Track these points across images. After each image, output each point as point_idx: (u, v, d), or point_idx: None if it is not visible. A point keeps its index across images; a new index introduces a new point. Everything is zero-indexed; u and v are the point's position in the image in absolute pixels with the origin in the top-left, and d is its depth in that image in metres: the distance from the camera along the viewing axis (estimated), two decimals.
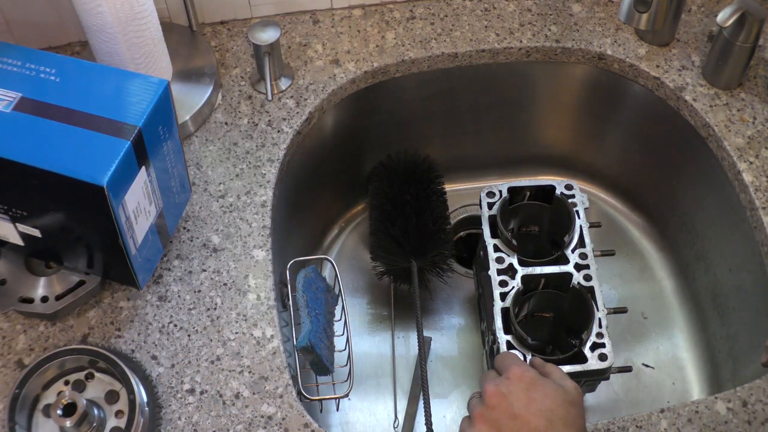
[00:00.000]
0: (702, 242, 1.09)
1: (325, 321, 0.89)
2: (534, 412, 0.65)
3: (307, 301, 0.88)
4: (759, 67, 1.04)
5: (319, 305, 0.89)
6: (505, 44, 1.07)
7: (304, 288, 0.88)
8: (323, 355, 0.85)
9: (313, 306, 0.88)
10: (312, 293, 0.89)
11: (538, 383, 0.67)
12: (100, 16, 0.86)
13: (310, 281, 0.90)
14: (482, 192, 0.97)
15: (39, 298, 0.84)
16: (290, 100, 1.02)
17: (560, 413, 0.65)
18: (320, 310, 0.89)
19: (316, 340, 0.85)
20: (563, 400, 0.66)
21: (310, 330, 0.85)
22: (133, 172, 0.75)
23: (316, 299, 0.89)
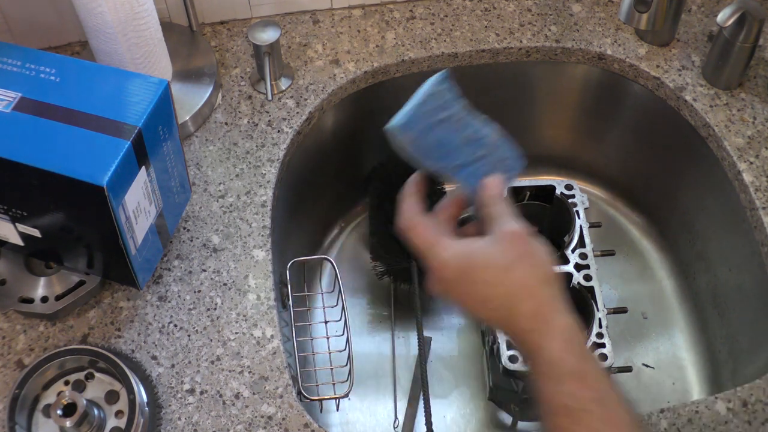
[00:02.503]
0: (702, 242, 1.09)
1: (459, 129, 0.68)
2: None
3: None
4: (759, 67, 1.04)
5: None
6: (505, 44, 1.07)
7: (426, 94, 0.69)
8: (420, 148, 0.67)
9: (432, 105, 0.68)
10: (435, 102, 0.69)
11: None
12: (100, 16, 0.86)
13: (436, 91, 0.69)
14: None
15: (39, 298, 0.84)
16: (290, 100, 1.02)
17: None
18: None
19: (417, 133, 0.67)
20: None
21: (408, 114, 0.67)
22: (133, 172, 0.75)
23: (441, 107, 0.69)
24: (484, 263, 0.61)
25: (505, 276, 0.60)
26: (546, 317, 0.59)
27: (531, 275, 0.60)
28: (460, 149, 0.67)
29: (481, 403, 1.05)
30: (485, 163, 0.67)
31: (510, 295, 0.60)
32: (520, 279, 0.60)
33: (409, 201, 0.67)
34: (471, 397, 1.06)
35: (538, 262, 0.61)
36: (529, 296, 0.60)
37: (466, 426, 1.04)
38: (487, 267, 0.61)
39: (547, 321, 0.59)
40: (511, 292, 0.60)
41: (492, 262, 0.61)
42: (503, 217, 0.62)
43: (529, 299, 0.60)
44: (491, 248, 0.61)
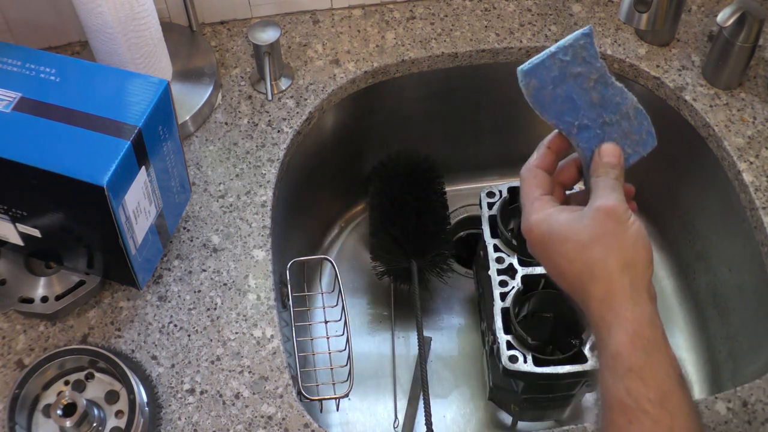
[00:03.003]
0: (702, 242, 1.09)
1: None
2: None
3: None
4: (759, 67, 1.04)
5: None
6: (505, 44, 1.07)
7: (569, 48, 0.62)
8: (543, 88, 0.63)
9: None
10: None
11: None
12: (100, 16, 0.86)
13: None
14: (482, 192, 0.97)
15: (39, 298, 0.84)
16: (290, 100, 1.02)
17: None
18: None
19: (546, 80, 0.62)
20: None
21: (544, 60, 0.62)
22: (133, 172, 0.75)
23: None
24: (564, 236, 0.58)
25: (582, 252, 0.58)
26: (615, 306, 0.56)
27: (610, 257, 0.57)
28: (587, 109, 0.62)
29: (481, 403, 1.05)
30: (612, 130, 0.63)
31: (584, 274, 0.58)
32: (598, 259, 0.57)
33: (539, 152, 0.63)
34: (471, 397, 1.06)
35: (623, 245, 0.57)
36: (603, 279, 0.57)
37: (466, 426, 1.04)
38: (566, 240, 0.58)
39: (615, 310, 0.56)
40: (586, 271, 0.57)
41: (573, 236, 0.58)
42: (604, 190, 0.59)
43: (602, 283, 0.57)
44: (577, 222, 0.58)
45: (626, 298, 0.56)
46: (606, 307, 0.56)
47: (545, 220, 0.60)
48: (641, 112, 0.63)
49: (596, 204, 0.58)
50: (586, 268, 0.57)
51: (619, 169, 0.61)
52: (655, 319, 0.56)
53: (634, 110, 0.63)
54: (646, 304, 0.56)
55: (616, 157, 0.61)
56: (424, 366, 0.99)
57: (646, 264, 0.57)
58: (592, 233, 0.57)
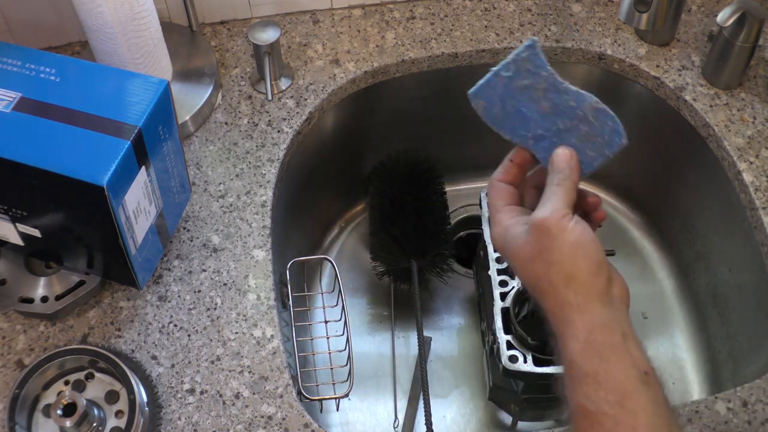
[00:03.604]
0: (702, 242, 1.09)
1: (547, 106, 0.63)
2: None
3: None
4: (759, 67, 1.04)
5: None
6: (505, 44, 1.07)
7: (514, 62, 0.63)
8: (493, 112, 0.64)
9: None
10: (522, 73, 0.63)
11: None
12: (100, 16, 0.86)
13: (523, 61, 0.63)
14: (482, 192, 0.97)
15: (39, 298, 0.84)
16: (290, 100, 1.02)
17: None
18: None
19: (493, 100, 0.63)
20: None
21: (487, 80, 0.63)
22: (133, 172, 0.75)
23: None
24: (514, 252, 0.60)
25: (528, 268, 0.59)
26: (564, 317, 0.57)
27: (551, 271, 0.57)
28: (539, 120, 0.62)
29: (481, 403, 1.05)
30: (569, 136, 0.62)
31: (534, 288, 0.59)
32: (541, 274, 0.58)
33: (503, 165, 0.65)
34: (471, 397, 1.06)
35: (561, 258, 0.57)
36: (550, 293, 0.58)
37: (466, 426, 1.04)
38: (516, 257, 0.60)
39: (565, 322, 0.57)
40: (535, 286, 0.59)
41: (518, 252, 0.59)
42: (543, 201, 0.59)
43: (549, 296, 0.58)
44: (522, 237, 0.59)
45: (572, 309, 0.57)
46: (557, 319, 0.57)
47: (501, 234, 0.61)
48: (602, 112, 0.61)
49: (535, 217, 0.58)
50: (535, 283, 0.59)
51: (565, 171, 0.60)
52: (610, 324, 0.57)
53: (593, 111, 0.61)
54: (596, 311, 0.57)
55: (564, 161, 0.60)
56: (424, 366, 0.99)
57: (591, 272, 0.57)
58: (532, 250, 0.58)
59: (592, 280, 0.57)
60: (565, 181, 0.59)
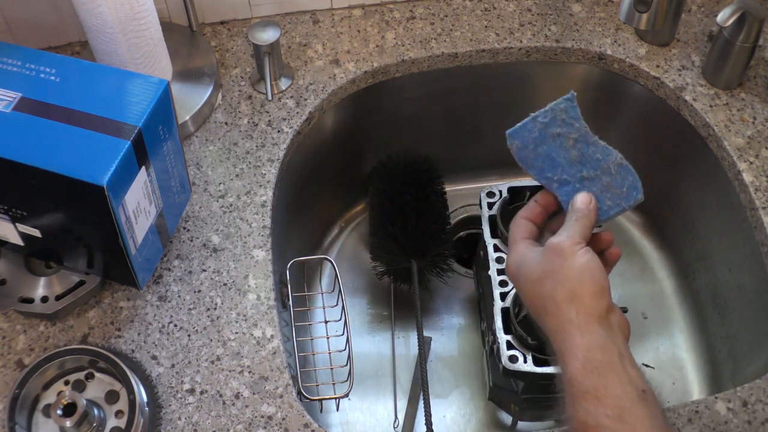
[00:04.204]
0: (702, 242, 1.09)
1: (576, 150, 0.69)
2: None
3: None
4: (759, 67, 1.04)
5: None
6: (505, 44, 1.07)
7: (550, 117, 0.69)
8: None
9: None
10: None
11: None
12: (100, 16, 0.86)
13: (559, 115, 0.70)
14: (482, 192, 0.97)
15: (39, 298, 0.84)
16: (290, 100, 1.02)
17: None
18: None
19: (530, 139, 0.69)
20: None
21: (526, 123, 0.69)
22: (133, 172, 0.75)
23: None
24: (526, 275, 0.64)
25: (535, 288, 0.63)
26: (565, 336, 0.60)
27: (557, 290, 0.61)
28: (566, 166, 0.68)
29: (481, 403, 1.05)
30: (591, 184, 0.68)
31: (540, 309, 0.63)
32: (548, 293, 0.62)
33: (528, 205, 0.71)
34: (471, 397, 1.06)
35: (568, 277, 0.61)
36: (553, 312, 0.61)
37: (466, 426, 1.04)
38: (527, 278, 0.64)
39: (566, 340, 0.60)
40: (540, 305, 0.63)
41: (529, 274, 0.64)
42: (561, 231, 0.64)
43: (552, 315, 0.61)
44: (533, 261, 0.64)
45: (574, 327, 0.60)
46: (559, 338, 0.61)
47: (516, 261, 0.66)
48: (625, 168, 0.68)
49: (550, 242, 0.64)
50: (540, 303, 0.63)
51: (583, 211, 0.65)
52: (608, 344, 0.60)
53: (617, 166, 0.68)
54: (595, 332, 0.60)
55: (585, 203, 0.66)
56: (424, 366, 0.99)
57: (595, 294, 0.61)
58: (542, 270, 0.63)
59: (594, 302, 0.61)
60: (583, 219, 0.65)
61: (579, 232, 0.63)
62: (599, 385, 0.58)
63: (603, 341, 0.59)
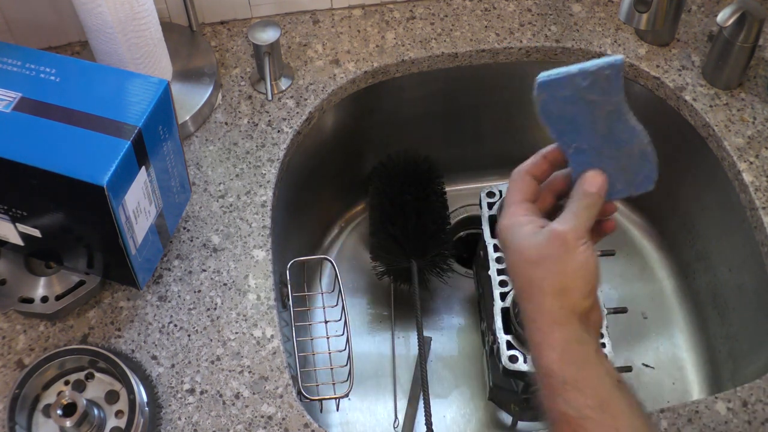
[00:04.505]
0: (702, 242, 1.09)
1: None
2: None
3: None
4: (759, 67, 1.04)
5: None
6: (505, 44, 1.07)
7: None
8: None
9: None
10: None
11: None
12: (100, 16, 0.86)
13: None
14: (482, 192, 0.97)
15: (39, 298, 0.84)
16: (290, 100, 1.02)
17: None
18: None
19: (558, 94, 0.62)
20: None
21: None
22: (133, 172, 0.75)
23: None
24: (517, 249, 0.61)
25: (525, 269, 0.60)
26: (542, 328, 0.59)
27: (547, 279, 0.59)
28: (589, 136, 0.63)
29: (481, 403, 1.05)
30: (608, 162, 0.63)
31: (523, 291, 0.60)
32: (537, 279, 0.59)
33: (534, 158, 0.65)
34: (471, 397, 1.06)
35: (563, 270, 0.59)
36: (536, 300, 0.59)
37: (466, 426, 1.04)
38: (518, 253, 0.60)
39: (543, 331, 0.59)
40: (525, 288, 0.60)
41: (523, 251, 0.60)
42: (567, 214, 0.60)
43: (534, 303, 0.59)
44: (532, 238, 0.60)
45: (553, 320, 0.58)
46: (536, 327, 0.59)
47: (510, 227, 0.62)
48: (647, 156, 0.63)
49: (552, 226, 0.60)
50: (527, 286, 0.60)
51: (594, 198, 0.61)
52: (584, 338, 0.58)
53: (640, 152, 0.63)
54: (574, 327, 0.58)
55: (595, 186, 0.62)
56: (424, 366, 0.99)
57: (584, 294, 0.59)
58: (539, 253, 0.59)
59: (580, 300, 0.59)
60: (592, 207, 0.61)
61: (585, 223, 0.60)
62: (578, 377, 0.57)
63: (580, 336, 0.58)
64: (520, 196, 0.63)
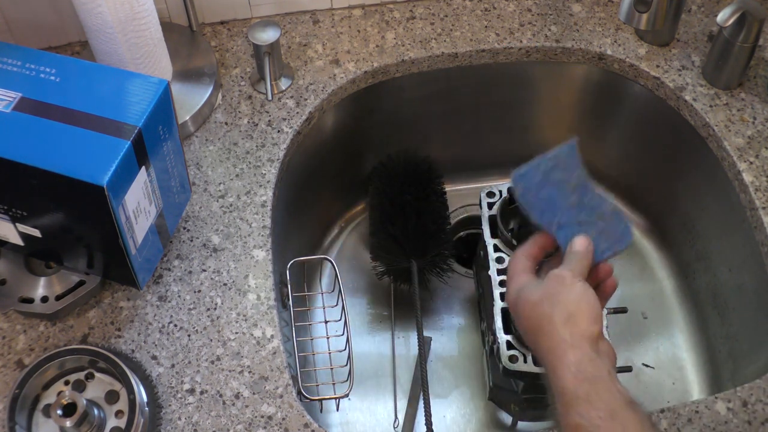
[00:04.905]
0: (702, 242, 1.09)
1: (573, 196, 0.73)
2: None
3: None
4: (759, 67, 1.04)
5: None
6: (505, 44, 1.07)
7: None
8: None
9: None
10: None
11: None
12: (100, 16, 0.86)
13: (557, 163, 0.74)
14: (482, 192, 0.97)
15: (39, 298, 0.84)
16: (290, 100, 1.02)
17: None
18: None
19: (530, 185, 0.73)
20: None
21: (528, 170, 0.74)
22: (133, 172, 0.75)
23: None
24: (525, 297, 0.69)
25: (534, 309, 0.67)
26: (558, 354, 0.64)
27: (554, 311, 0.66)
28: (566, 210, 0.72)
29: (481, 403, 1.05)
30: (588, 228, 0.72)
31: (536, 329, 0.67)
32: (545, 314, 0.66)
33: (527, 243, 0.75)
34: (471, 397, 1.06)
35: (567, 300, 0.66)
36: (549, 332, 0.66)
37: (466, 426, 1.04)
38: (527, 300, 0.68)
39: (558, 357, 0.64)
40: (537, 326, 0.67)
41: (529, 296, 0.68)
42: (562, 266, 0.69)
43: (548, 335, 0.66)
44: (534, 287, 0.69)
45: (567, 345, 0.64)
46: (552, 355, 0.65)
47: (517, 288, 0.71)
48: (618, 215, 0.73)
49: (551, 272, 0.69)
50: (537, 323, 0.67)
51: (581, 255, 0.70)
52: (597, 362, 0.64)
53: (611, 213, 0.73)
54: (586, 350, 0.64)
55: (582, 246, 0.70)
56: (424, 366, 0.99)
57: (590, 318, 0.66)
58: (542, 293, 0.68)
59: (587, 325, 0.65)
60: (582, 259, 0.70)
61: (578, 269, 0.69)
62: (590, 391, 0.62)
63: (592, 357, 0.64)
64: (520, 269, 0.72)
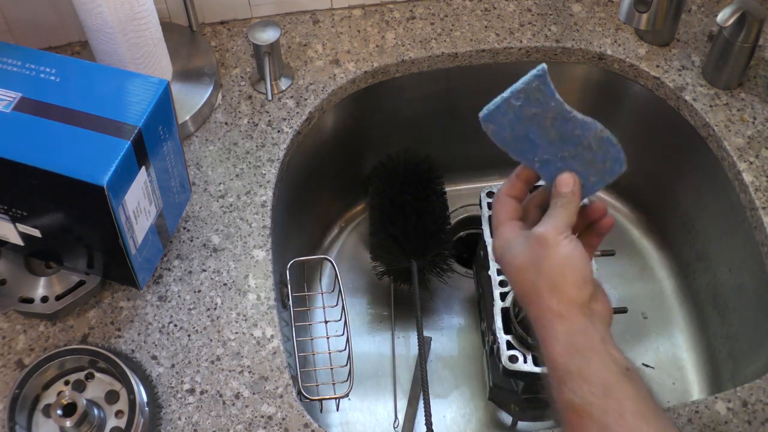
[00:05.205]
0: (702, 242, 1.09)
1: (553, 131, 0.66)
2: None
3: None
4: (759, 67, 1.04)
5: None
6: (505, 44, 1.07)
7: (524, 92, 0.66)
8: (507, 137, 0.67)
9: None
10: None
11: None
12: (100, 16, 0.86)
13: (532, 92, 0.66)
14: (482, 192, 0.97)
15: (39, 298, 0.84)
16: (290, 100, 1.02)
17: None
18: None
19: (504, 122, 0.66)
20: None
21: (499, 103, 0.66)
22: (133, 172, 0.75)
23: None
24: (509, 260, 0.65)
25: (520, 276, 0.63)
26: (546, 324, 0.61)
27: (539, 279, 0.62)
28: (546, 146, 0.66)
29: (481, 403, 1.05)
30: (573, 162, 0.66)
31: (523, 296, 0.64)
32: (531, 282, 0.62)
33: (509, 180, 0.69)
34: (471, 397, 1.06)
35: (550, 268, 0.62)
36: (535, 301, 0.62)
37: (466, 426, 1.04)
38: (511, 264, 0.64)
39: (546, 327, 0.61)
40: (524, 293, 0.63)
41: (513, 260, 0.64)
42: (544, 218, 0.64)
43: (534, 303, 0.62)
44: (518, 247, 0.64)
45: (554, 315, 0.61)
46: (540, 325, 0.62)
47: (500, 247, 0.66)
48: (606, 140, 0.65)
49: (535, 231, 0.63)
50: (523, 290, 0.64)
51: (568, 196, 0.65)
52: (588, 329, 0.60)
53: (597, 140, 0.65)
54: (576, 318, 0.61)
55: (568, 186, 0.65)
56: (424, 366, 0.99)
57: (576, 284, 0.61)
58: (526, 259, 0.63)
59: (575, 292, 0.61)
60: (568, 205, 0.64)
61: (563, 221, 0.63)
62: (582, 366, 0.59)
63: (584, 326, 0.60)
64: (505, 217, 0.67)
